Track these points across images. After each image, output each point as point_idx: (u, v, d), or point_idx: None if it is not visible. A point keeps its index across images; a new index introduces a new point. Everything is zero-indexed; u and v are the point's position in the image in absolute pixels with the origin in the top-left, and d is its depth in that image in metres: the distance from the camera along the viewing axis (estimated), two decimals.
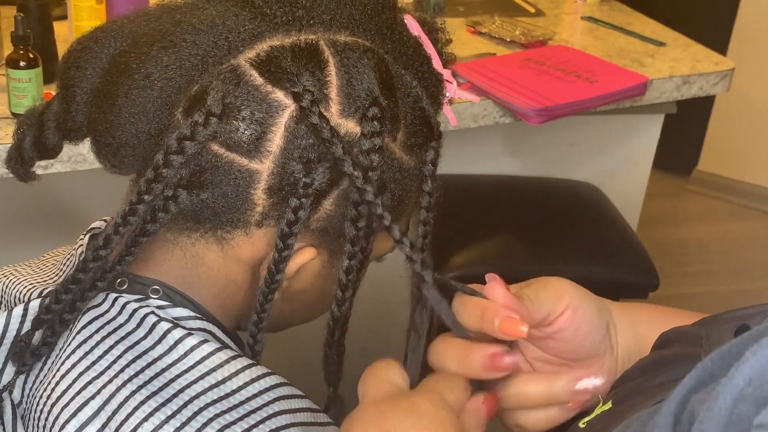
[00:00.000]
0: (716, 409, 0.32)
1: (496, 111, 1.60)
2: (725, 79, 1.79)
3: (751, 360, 0.32)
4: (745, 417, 0.31)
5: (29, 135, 0.71)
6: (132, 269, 0.69)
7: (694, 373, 0.36)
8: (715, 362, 0.36)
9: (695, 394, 0.36)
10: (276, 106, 0.63)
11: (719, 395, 0.33)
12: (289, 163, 0.63)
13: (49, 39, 1.50)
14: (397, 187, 0.67)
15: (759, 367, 0.32)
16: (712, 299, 2.79)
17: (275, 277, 0.66)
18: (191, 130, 0.62)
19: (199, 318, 0.68)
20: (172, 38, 0.65)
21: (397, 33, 0.70)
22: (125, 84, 0.66)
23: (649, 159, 2.08)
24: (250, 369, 0.65)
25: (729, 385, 0.32)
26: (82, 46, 0.69)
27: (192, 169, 0.64)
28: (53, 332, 0.68)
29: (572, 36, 1.98)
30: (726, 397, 0.32)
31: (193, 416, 0.62)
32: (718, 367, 0.36)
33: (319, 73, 0.63)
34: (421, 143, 0.69)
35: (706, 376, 0.36)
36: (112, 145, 0.68)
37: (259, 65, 0.63)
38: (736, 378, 0.32)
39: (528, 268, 1.72)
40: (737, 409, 0.32)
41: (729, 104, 3.21)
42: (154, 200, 0.64)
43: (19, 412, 0.69)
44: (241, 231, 0.66)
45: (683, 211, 3.34)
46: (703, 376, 0.36)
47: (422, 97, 0.69)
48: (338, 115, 0.64)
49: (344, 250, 0.66)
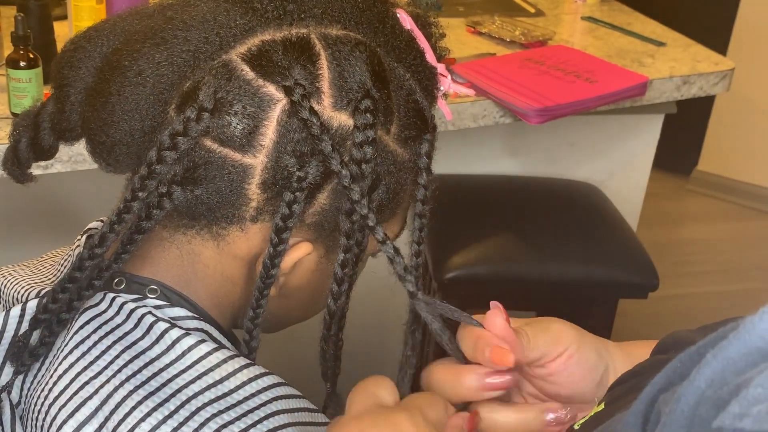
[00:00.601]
0: (678, 411, 0.33)
1: (496, 111, 1.60)
2: (725, 79, 1.79)
3: (711, 362, 0.32)
4: (705, 419, 0.31)
5: (25, 136, 0.71)
6: (129, 269, 0.69)
7: (663, 373, 0.37)
8: (684, 363, 0.36)
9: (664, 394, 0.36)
10: (268, 100, 0.63)
11: (681, 397, 0.33)
12: (282, 156, 0.63)
13: (49, 39, 1.50)
14: (391, 179, 0.67)
15: (720, 369, 0.32)
16: (712, 299, 2.79)
17: (270, 272, 0.66)
18: (184, 126, 0.62)
19: (196, 318, 0.68)
20: (164, 35, 0.65)
21: (389, 26, 0.70)
22: (118, 81, 0.66)
23: (649, 159, 2.08)
24: (247, 369, 0.65)
25: (690, 387, 0.32)
26: (75, 46, 0.69)
27: (185, 165, 0.64)
28: (51, 332, 0.68)
29: (572, 36, 1.98)
30: (688, 399, 0.32)
31: (190, 416, 0.62)
32: (687, 368, 0.36)
33: (310, 67, 0.63)
34: (415, 135, 0.69)
35: (676, 376, 0.36)
36: (106, 143, 0.68)
37: (251, 59, 0.63)
38: (697, 380, 0.32)
39: (528, 268, 1.72)
40: (698, 411, 0.32)
41: (729, 104, 3.21)
42: (148, 197, 0.64)
43: (17, 412, 0.69)
44: (237, 227, 0.66)
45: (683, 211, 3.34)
46: (673, 377, 0.36)
47: (415, 89, 0.69)
48: (331, 107, 0.64)
49: (339, 243, 0.66)
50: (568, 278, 1.72)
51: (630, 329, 2.54)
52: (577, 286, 1.73)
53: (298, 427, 0.64)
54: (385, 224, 0.71)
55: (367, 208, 0.62)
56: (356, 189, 0.62)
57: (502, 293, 1.76)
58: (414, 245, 0.71)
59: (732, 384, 0.31)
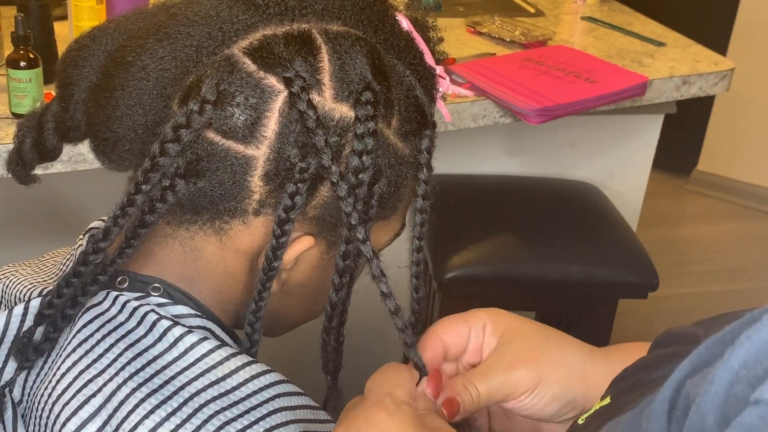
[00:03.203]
0: (713, 392, 0.33)
1: (496, 111, 1.60)
2: (725, 79, 1.80)
3: (745, 344, 0.33)
4: (741, 397, 0.32)
5: (29, 137, 0.72)
6: (132, 267, 0.69)
7: (688, 360, 0.37)
8: (709, 349, 0.37)
9: (690, 379, 0.37)
10: (269, 91, 0.63)
11: (715, 378, 0.34)
12: (284, 148, 0.64)
13: (49, 39, 1.50)
14: (392, 173, 0.68)
15: (754, 350, 0.33)
16: (712, 299, 2.79)
17: (273, 264, 0.66)
18: (186, 118, 0.63)
19: (198, 316, 0.68)
20: (167, 30, 0.66)
21: (389, 25, 0.70)
22: (121, 76, 0.66)
23: (648, 159, 2.08)
24: (249, 366, 0.65)
25: (724, 368, 0.33)
26: (80, 45, 0.70)
27: (188, 157, 0.64)
28: (55, 328, 0.68)
29: (572, 36, 1.98)
30: (722, 379, 0.33)
31: (193, 413, 0.62)
32: (712, 353, 0.37)
33: (311, 59, 0.64)
34: (415, 130, 0.69)
35: (701, 362, 0.37)
36: (109, 139, 0.68)
37: (252, 53, 0.64)
38: (731, 361, 0.33)
39: (528, 268, 1.72)
40: (733, 391, 0.33)
41: (729, 104, 3.21)
42: (151, 190, 0.65)
43: (19, 410, 0.69)
44: (239, 220, 0.66)
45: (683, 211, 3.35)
46: (698, 363, 0.37)
47: (415, 85, 0.70)
48: (332, 99, 0.64)
49: (341, 235, 0.67)
50: (568, 278, 1.72)
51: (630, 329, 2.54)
52: (577, 286, 1.74)
53: (300, 424, 0.64)
54: (386, 222, 0.71)
55: (352, 207, 0.63)
56: (344, 186, 0.63)
57: (502, 293, 1.78)
58: (415, 240, 0.71)
59: (766, 363, 0.32)
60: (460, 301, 1.77)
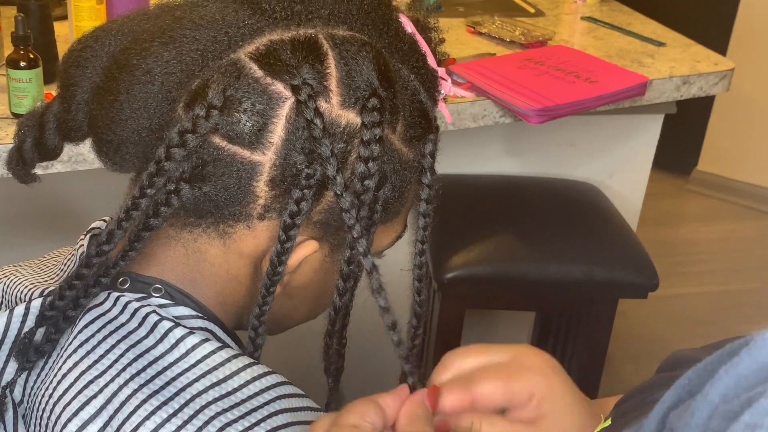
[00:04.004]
0: (693, 425, 0.34)
1: (496, 111, 1.60)
2: (725, 79, 1.80)
3: (724, 378, 0.34)
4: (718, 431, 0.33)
5: (30, 136, 0.72)
6: (134, 268, 0.69)
7: (672, 390, 0.39)
8: (692, 380, 0.38)
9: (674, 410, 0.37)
10: (276, 97, 0.63)
11: (695, 411, 0.34)
12: (291, 154, 0.64)
13: (49, 39, 1.50)
14: (397, 178, 0.68)
15: (732, 384, 0.34)
16: (712, 299, 2.79)
17: (277, 269, 0.66)
18: (193, 123, 0.63)
19: (200, 317, 0.68)
20: (173, 34, 0.66)
21: (393, 29, 0.71)
22: (126, 80, 0.66)
23: (648, 159, 2.08)
24: (251, 368, 0.65)
25: (704, 402, 0.34)
26: (83, 45, 0.70)
27: (194, 162, 0.64)
28: (57, 329, 0.68)
29: (572, 36, 1.98)
30: (701, 412, 0.34)
31: (194, 415, 0.62)
32: (695, 384, 0.38)
33: (318, 66, 0.64)
34: (419, 135, 0.69)
35: (684, 393, 0.38)
36: (113, 141, 0.68)
37: (259, 58, 0.64)
38: (710, 395, 0.34)
39: (528, 268, 1.72)
40: (711, 424, 0.33)
41: (729, 104, 3.21)
42: (156, 194, 0.65)
43: (20, 411, 0.69)
44: (243, 224, 0.66)
45: (683, 211, 3.35)
46: (682, 393, 0.38)
47: (420, 90, 0.70)
48: (339, 106, 0.64)
49: (346, 239, 0.66)
50: (568, 278, 1.72)
51: (630, 329, 2.55)
52: (577, 286, 1.73)
53: (301, 426, 0.64)
54: (388, 225, 0.71)
55: (355, 219, 0.62)
56: (347, 199, 0.63)
57: (502, 293, 1.78)
58: (418, 244, 0.71)
59: (743, 398, 0.32)
60: (460, 301, 1.77)
